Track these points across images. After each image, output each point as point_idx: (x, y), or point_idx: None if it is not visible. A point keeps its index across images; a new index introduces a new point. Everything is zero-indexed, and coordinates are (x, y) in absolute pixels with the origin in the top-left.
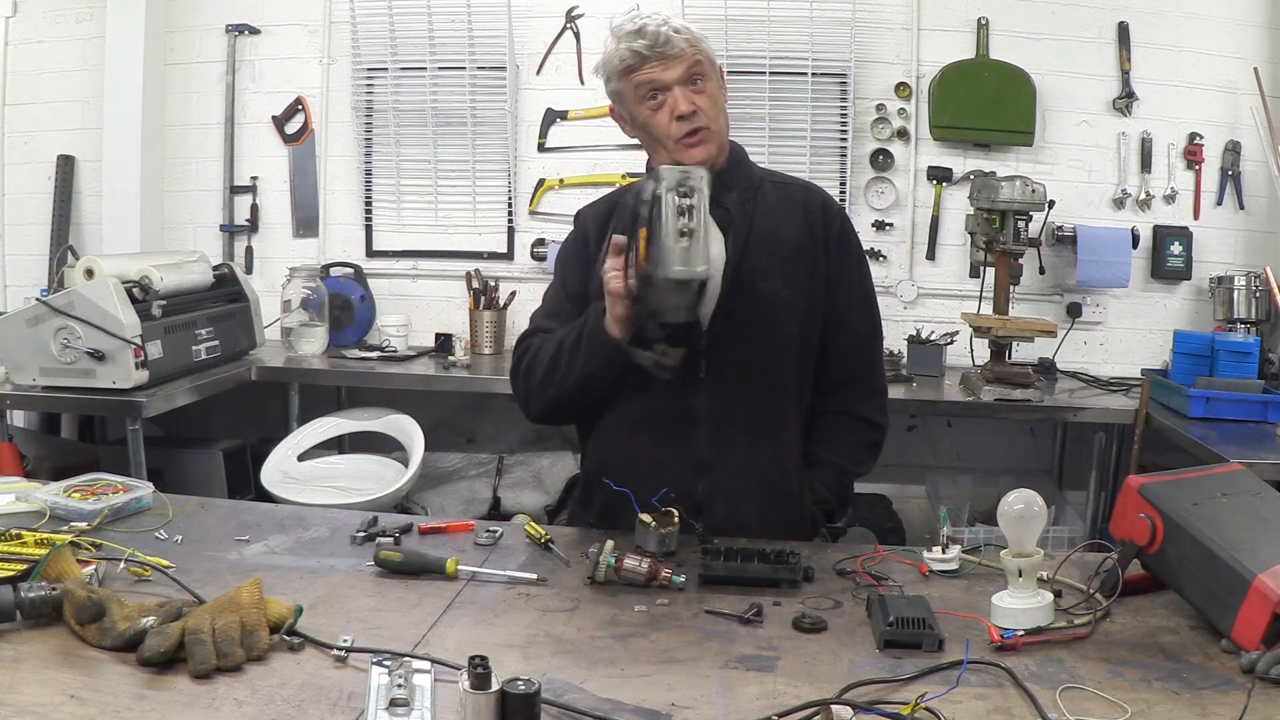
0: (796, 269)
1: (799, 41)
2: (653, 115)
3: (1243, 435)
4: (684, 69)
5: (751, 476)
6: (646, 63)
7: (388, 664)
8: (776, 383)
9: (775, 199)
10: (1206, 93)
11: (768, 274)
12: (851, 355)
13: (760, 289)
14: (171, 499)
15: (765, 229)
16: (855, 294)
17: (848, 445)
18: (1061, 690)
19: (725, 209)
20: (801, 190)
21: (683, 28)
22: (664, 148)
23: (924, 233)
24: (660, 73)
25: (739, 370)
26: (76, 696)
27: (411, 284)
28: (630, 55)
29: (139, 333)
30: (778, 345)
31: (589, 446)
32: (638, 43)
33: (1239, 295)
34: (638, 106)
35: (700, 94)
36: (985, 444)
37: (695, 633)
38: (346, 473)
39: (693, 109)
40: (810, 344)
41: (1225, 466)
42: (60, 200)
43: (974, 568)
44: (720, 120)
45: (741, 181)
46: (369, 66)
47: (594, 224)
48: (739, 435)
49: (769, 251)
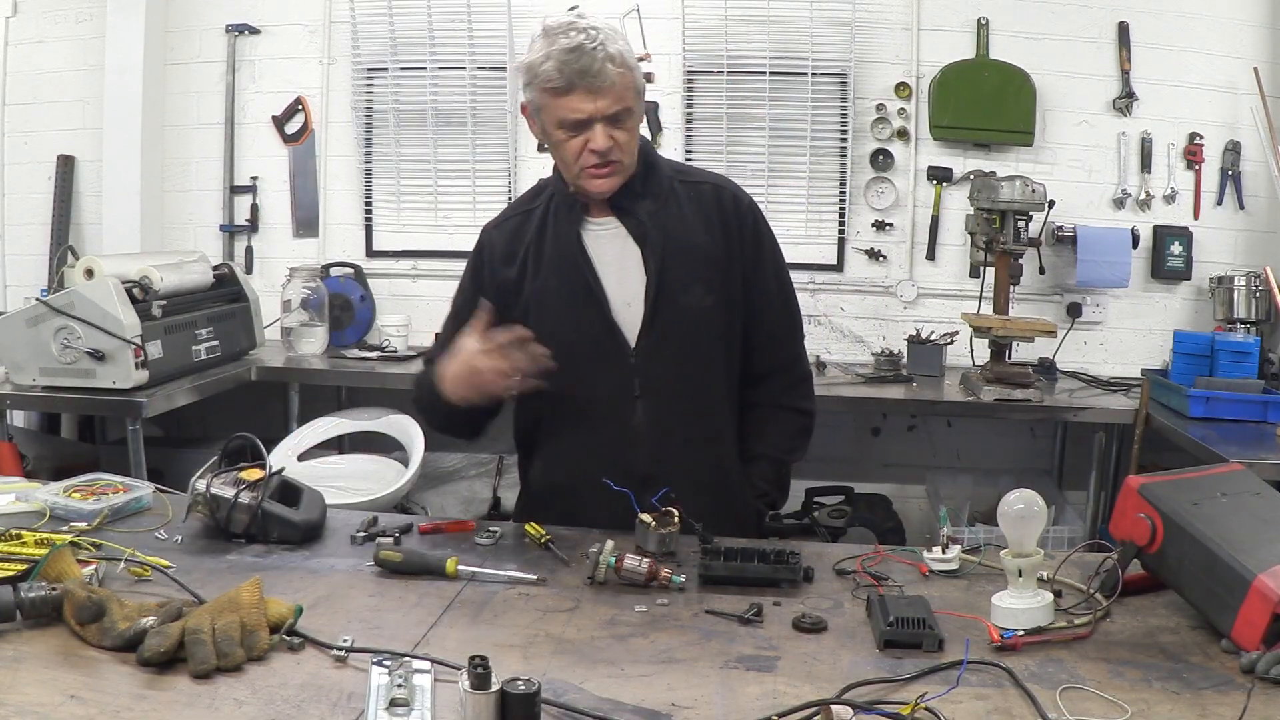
0: (714, 274)
1: (799, 41)
2: (566, 141)
3: (1243, 435)
4: (610, 104)
5: (693, 484)
6: (573, 90)
7: (388, 664)
8: (708, 390)
9: (687, 202)
10: (1206, 93)
11: (688, 284)
12: (774, 348)
13: (682, 301)
14: (171, 499)
15: (680, 238)
16: (772, 287)
17: (780, 436)
18: (1061, 690)
19: (640, 220)
20: (712, 190)
21: (619, 55)
22: (568, 171)
23: (924, 233)
24: (586, 105)
25: (671, 384)
26: (76, 696)
27: (411, 284)
28: (558, 78)
29: (139, 333)
30: (706, 354)
31: (531, 473)
32: (569, 66)
33: (1239, 295)
34: (553, 129)
35: (620, 130)
36: (985, 444)
37: (695, 633)
38: (346, 473)
39: (609, 146)
40: (735, 345)
41: (1225, 466)
42: (60, 200)
43: (974, 568)
44: (633, 153)
45: (654, 188)
46: (369, 66)
47: (500, 248)
48: (678, 446)
49: (686, 261)
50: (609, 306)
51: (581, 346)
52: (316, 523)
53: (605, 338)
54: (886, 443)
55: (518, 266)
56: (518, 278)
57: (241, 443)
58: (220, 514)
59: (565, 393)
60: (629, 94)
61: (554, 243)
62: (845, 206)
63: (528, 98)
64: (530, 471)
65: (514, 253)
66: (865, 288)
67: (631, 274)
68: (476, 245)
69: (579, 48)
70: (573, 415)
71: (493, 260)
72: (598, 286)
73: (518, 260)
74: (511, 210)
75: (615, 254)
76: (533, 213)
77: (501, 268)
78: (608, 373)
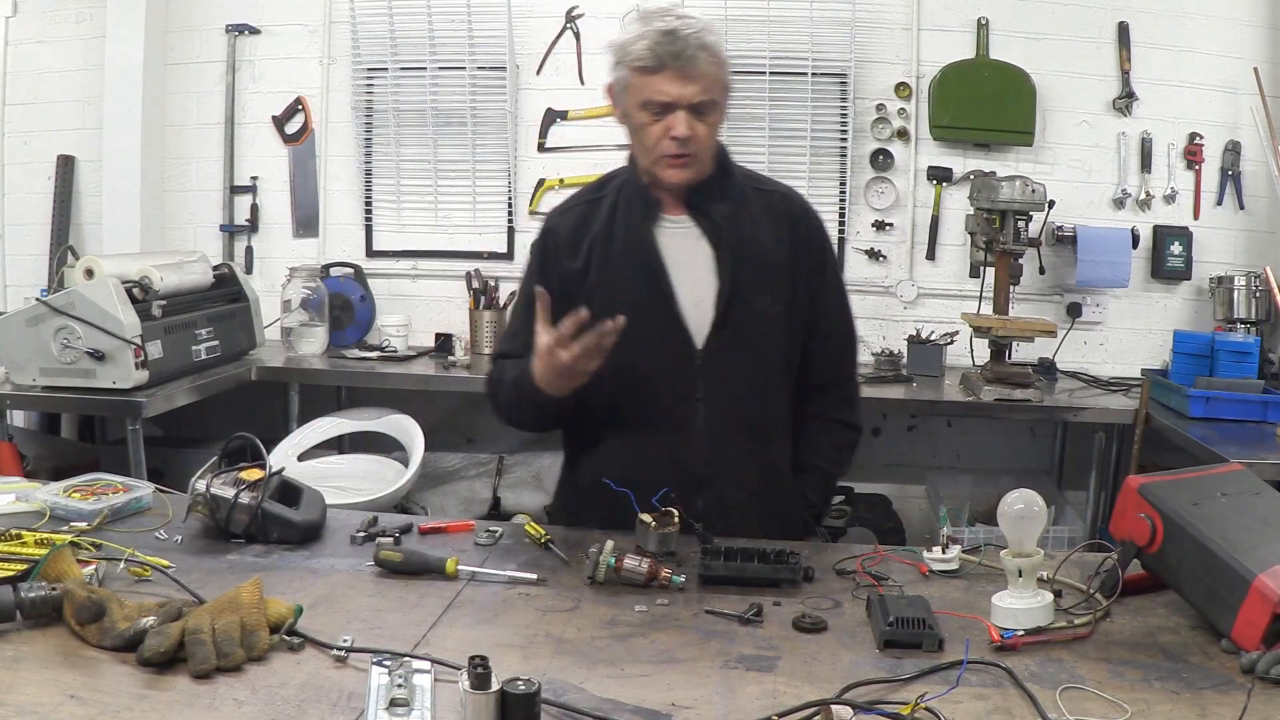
0: (782, 281)
1: (799, 41)
2: (648, 124)
3: (1243, 435)
4: (697, 92)
5: (748, 489)
6: (664, 71)
7: (388, 664)
8: (769, 396)
9: (759, 208)
10: (1206, 93)
11: (758, 289)
12: (831, 362)
13: (752, 306)
14: (171, 499)
15: (753, 243)
16: (833, 302)
17: (831, 449)
18: (1061, 690)
19: (714, 221)
20: (782, 199)
21: (713, 46)
22: (647, 157)
23: (924, 233)
24: (674, 89)
25: (733, 386)
26: (76, 696)
27: (411, 284)
28: (649, 57)
29: (139, 333)
30: (769, 359)
31: (580, 469)
32: (661, 47)
33: (1239, 295)
34: (636, 110)
35: (702, 122)
36: (985, 444)
37: (695, 633)
38: (346, 473)
39: (689, 135)
40: (795, 354)
41: (1225, 466)
42: (60, 200)
43: (974, 568)
44: (710, 150)
45: (729, 192)
46: (369, 66)
47: (565, 237)
48: (734, 450)
49: (758, 266)
50: (678, 305)
51: (646, 344)
52: (316, 523)
53: (672, 337)
54: (886, 443)
55: (582, 257)
56: (582, 268)
57: (241, 443)
58: (220, 514)
59: (624, 390)
60: (717, 87)
61: (624, 236)
62: (845, 206)
63: (615, 76)
64: (578, 468)
65: (578, 243)
66: (865, 288)
67: (703, 275)
68: (541, 232)
69: (674, 31)
70: (630, 413)
71: (557, 249)
72: (667, 284)
73: (582, 251)
74: (576, 199)
75: (687, 253)
76: (599, 202)
77: (565, 258)
78: (671, 373)
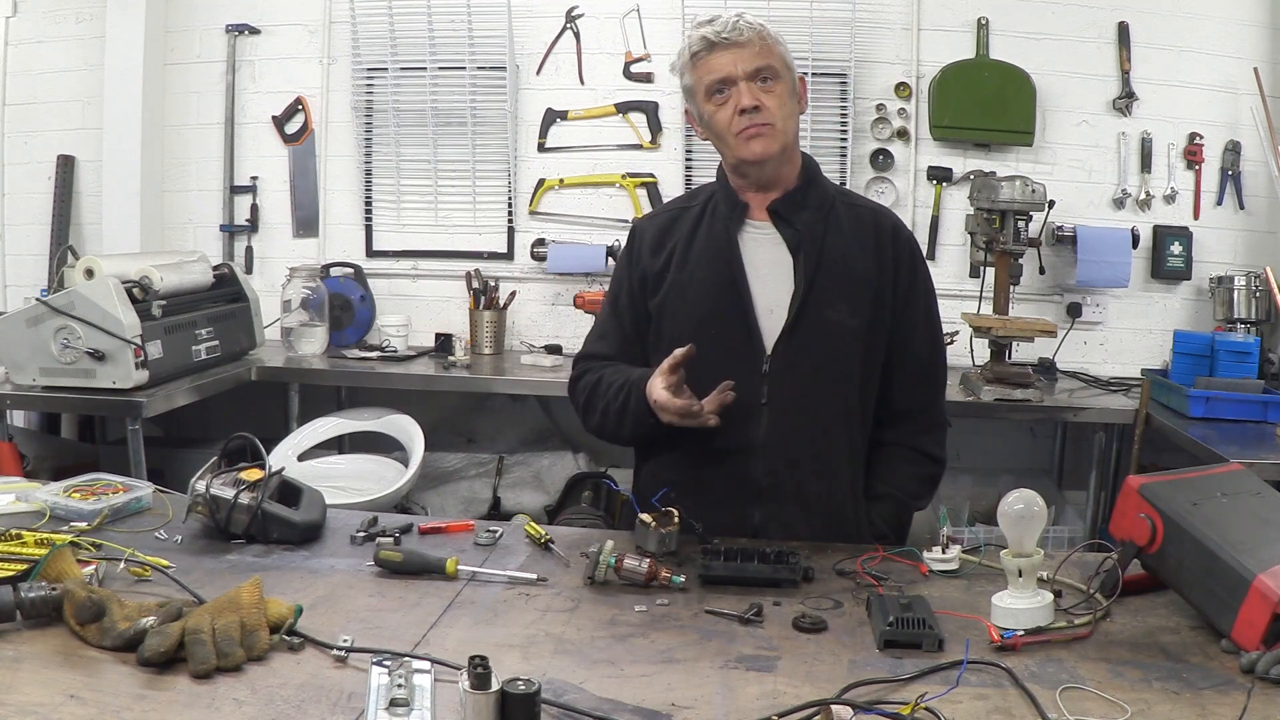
0: (863, 297)
1: (799, 41)
2: (717, 111)
3: (1243, 435)
4: (752, 60)
5: (807, 506)
6: (714, 49)
7: (388, 664)
8: (837, 412)
9: (846, 222)
10: (1206, 93)
11: (834, 300)
12: (914, 388)
13: (826, 316)
14: (171, 499)
15: (835, 254)
16: (920, 326)
17: (908, 478)
18: (1061, 690)
19: (796, 229)
20: (872, 214)
21: (760, 24)
22: (726, 144)
23: (924, 233)
24: (727, 62)
25: (800, 398)
26: (76, 696)
27: (411, 284)
28: (699, 42)
29: (139, 333)
30: (840, 374)
31: (645, 468)
32: (708, 29)
33: (1239, 295)
34: (705, 103)
35: (768, 92)
36: (985, 444)
37: (695, 633)
38: (346, 473)
39: (756, 104)
40: (873, 375)
41: (1225, 466)
42: (60, 200)
43: (974, 568)
44: (788, 123)
45: (814, 201)
46: (369, 66)
47: (650, 238)
48: (796, 464)
49: (837, 277)
50: (752, 307)
51: (716, 343)
52: (316, 523)
53: (742, 339)
54: None
55: (664, 258)
56: (663, 267)
57: (241, 443)
58: (220, 514)
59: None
60: (771, 55)
61: (707, 237)
62: None
63: (682, 86)
64: (644, 470)
65: (663, 245)
66: None
67: (780, 280)
68: (630, 235)
69: (715, 18)
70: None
71: (643, 250)
72: (744, 285)
73: (665, 252)
74: (665, 207)
75: (767, 258)
76: (688, 210)
77: (649, 258)
78: (738, 375)
